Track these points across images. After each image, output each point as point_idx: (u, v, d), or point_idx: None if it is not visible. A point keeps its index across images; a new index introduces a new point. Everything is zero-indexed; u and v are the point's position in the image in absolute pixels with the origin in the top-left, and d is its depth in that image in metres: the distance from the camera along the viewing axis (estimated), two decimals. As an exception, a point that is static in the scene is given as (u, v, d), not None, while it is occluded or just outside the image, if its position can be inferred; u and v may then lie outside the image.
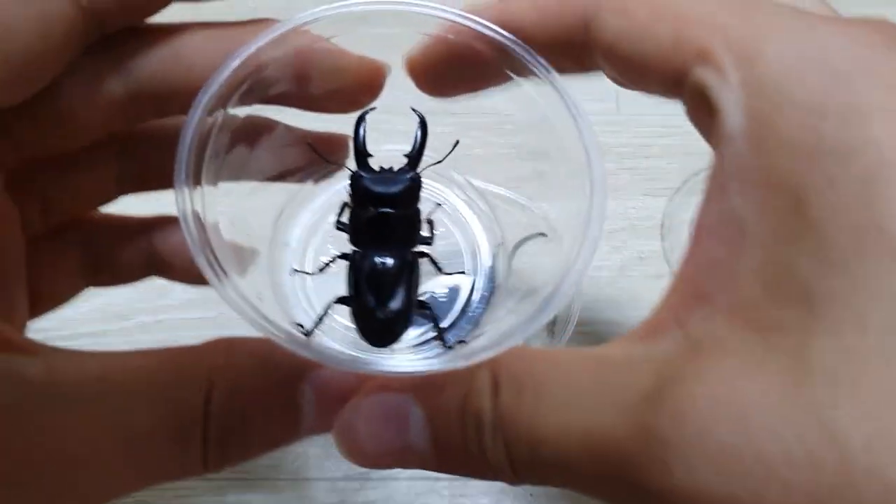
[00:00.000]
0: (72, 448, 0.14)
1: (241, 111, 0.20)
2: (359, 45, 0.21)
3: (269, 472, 0.34)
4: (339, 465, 0.34)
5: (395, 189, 0.24)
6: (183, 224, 0.17)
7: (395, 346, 0.25)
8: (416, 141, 0.25)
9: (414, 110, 0.25)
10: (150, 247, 0.23)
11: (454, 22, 0.20)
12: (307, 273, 0.29)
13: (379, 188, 0.23)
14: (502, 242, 0.35)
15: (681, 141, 0.44)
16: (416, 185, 0.24)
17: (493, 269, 0.36)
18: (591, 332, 0.38)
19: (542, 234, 0.34)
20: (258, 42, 0.19)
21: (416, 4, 0.21)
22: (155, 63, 0.19)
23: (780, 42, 0.12)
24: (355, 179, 0.24)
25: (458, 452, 0.14)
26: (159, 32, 0.19)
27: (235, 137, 0.21)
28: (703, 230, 0.14)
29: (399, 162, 0.24)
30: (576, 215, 0.22)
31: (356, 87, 0.21)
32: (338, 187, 0.28)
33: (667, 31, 0.15)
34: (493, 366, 0.14)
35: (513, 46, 0.21)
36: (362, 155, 0.24)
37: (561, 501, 0.34)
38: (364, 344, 0.24)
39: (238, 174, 0.22)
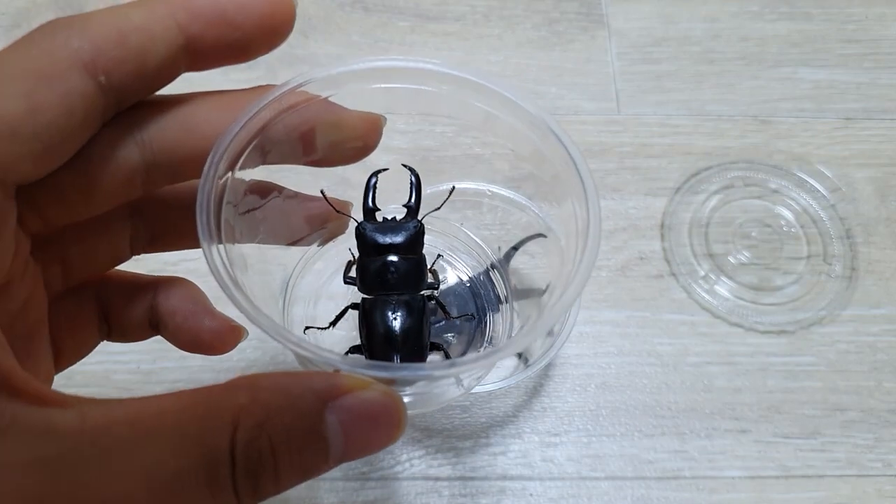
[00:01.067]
0: (105, 495, 0.15)
1: (248, 174, 0.21)
2: (354, 100, 0.22)
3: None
4: (339, 466, 0.34)
5: (400, 238, 0.25)
6: (212, 269, 0.18)
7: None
8: (412, 192, 0.26)
9: (405, 166, 0.26)
10: (154, 307, 0.24)
11: (432, 71, 0.22)
12: (320, 328, 0.30)
13: (386, 237, 0.25)
14: (498, 260, 0.36)
15: (681, 141, 0.44)
16: (419, 231, 0.26)
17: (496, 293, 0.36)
18: (590, 332, 0.38)
19: (542, 235, 0.34)
20: (259, 104, 0.20)
21: (391, 59, 0.22)
22: (168, 133, 0.20)
23: None
24: (362, 230, 0.25)
25: None
26: (171, 103, 0.20)
27: (246, 201, 0.22)
28: None
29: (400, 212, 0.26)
30: (569, 218, 0.22)
31: (356, 141, 0.22)
32: (340, 247, 0.29)
33: None
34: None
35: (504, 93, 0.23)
36: (370, 210, 0.26)
37: (561, 502, 0.34)
38: None
39: (251, 237, 0.23)
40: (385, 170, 0.25)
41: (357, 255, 0.26)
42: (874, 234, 0.41)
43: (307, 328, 0.31)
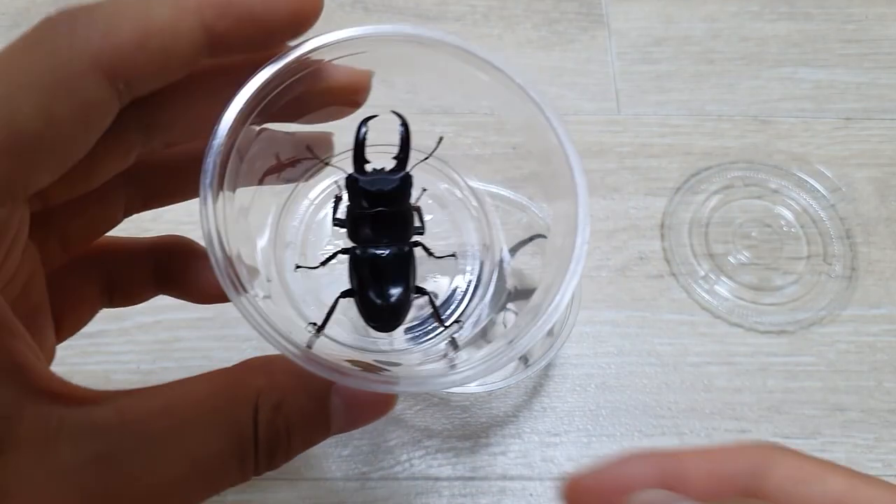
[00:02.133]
0: (156, 482, 0.16)
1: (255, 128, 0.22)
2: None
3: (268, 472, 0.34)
4: (339, 466, 0.34)
5: (389, 187, 0.25)
6: (208, 246, 0.18)
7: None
8: (401, 142, 0.26)
9: (394, 113, 0.26)
10: (158, 267, 0.24)
11: (421, 36, 0.22)
12: (310, 268, 0.30)
13: (375, 188, 0.25)
14: (490, 244, 0.36)
15: (681, 141, 0.44)
16: (407, 182, 0.26)
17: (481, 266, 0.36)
18: (590, 332, 0.38)
19: (542, 236, 0.34)
20: (267, 72, 0.20)
21: (382, 26, 0.22)
22: (169, 109, 0.20)
23: None
24: (352, 181, 0.25)
25: None
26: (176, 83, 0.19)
27: (250, 148, 0.22)
28: None
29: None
30: (563, 217, 0.22)
31: (346, 97, 0.22)
32: (325, 183, 0.29)
33: None
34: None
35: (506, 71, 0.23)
36: (361, 158, 0.25)
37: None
38: (371, 330, 0.26)
39: (233, 182, 0.23)
40: (374, 116, 0.25)
41: (345, 194, 0.26)
42: (874, 234, 0.41)
43: (298, 267, 0.31)
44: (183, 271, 0.24)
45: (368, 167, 0.26)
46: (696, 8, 0.50)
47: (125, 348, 0.27)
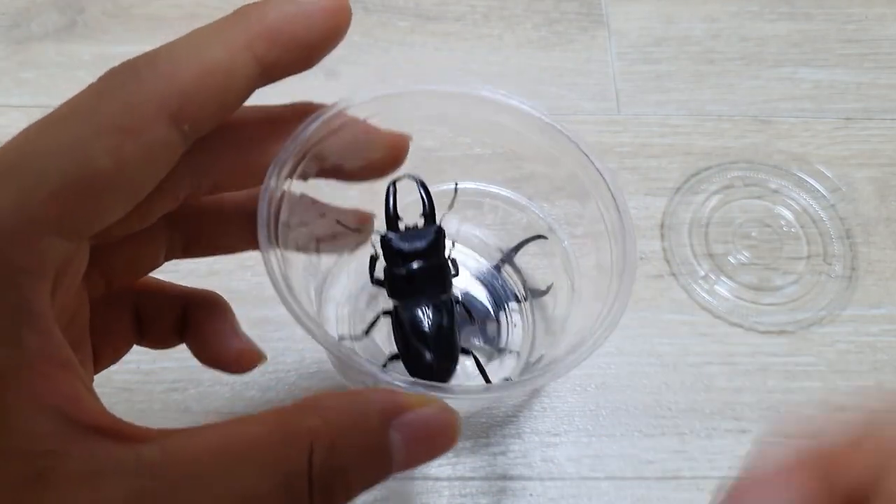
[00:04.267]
0: None
1: (298, 187, 0.23)
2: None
3: None
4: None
5: (423, 244, 0.26)
6: (272, 280, 0.19)
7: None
8: (424, 200, 0.27)
9: (410, 176, 0.26)
10: (184, 315, 0.25)
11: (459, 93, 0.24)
12: (354, 338, 0.31)
13: (411, 245, 0.26)
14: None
15: (681, 141, 0.44)
16: (440, 235, 0.26)
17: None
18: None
19: (542, 237, 0.34)
20: (311, 125, 0.22)
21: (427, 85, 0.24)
22: (219, 153, 0.20)
23: None
24: (387, 241, 0.26)
25: None
26: (224, 126, 0.20)
27: (293, 210, 0.23)
28: None
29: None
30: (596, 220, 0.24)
31: (386, 158, 0.23)
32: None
33: None
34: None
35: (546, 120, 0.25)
36: (392, 218, 0.26)
37: (561, 502, 0.34)
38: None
39: (295, 245, 0.24)
40: (401, 178, 0.26)
41: (379, 252, 0.27)
42: (874, 234, 0.41)
43: (341, 338, 0.32)
44: (204, 326, 0.25)
45: (400, 225, 0.26)
46: (696, 8, 0.50)
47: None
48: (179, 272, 0.26)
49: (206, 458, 0.16)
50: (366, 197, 0.26)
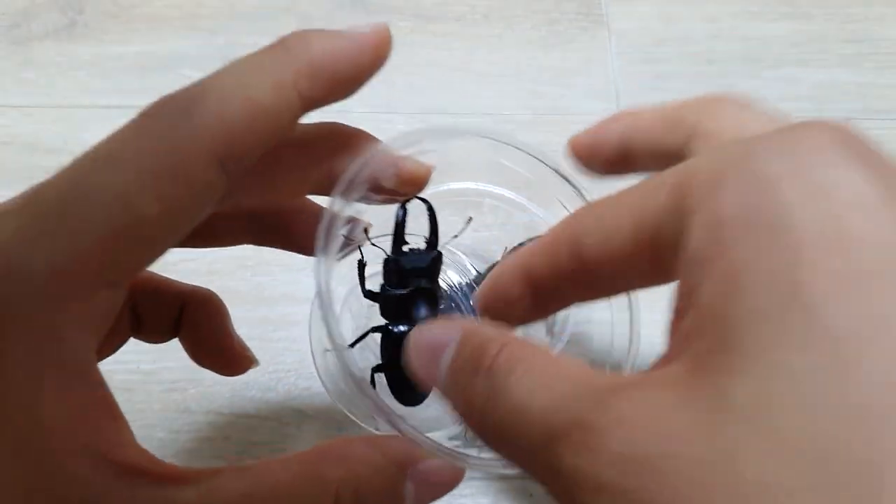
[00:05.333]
0: None
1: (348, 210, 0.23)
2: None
3: None
4: (339, 466, 0.34)
5: (424, 271, 0.26)
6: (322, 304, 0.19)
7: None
8: (430, 225, 0.27)
9: (419, 198, 0.26)
10: (182, 313, 0.25)
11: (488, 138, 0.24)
12: (344, 347, 0.31)
13: (412, 271, 0.26)
14: None
15: (681, 141, 0.44)
16: (438, 263, 0.27)
17: None
18: (587, 331, 0.38)
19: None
20: (366, 160, 0.22)
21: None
22: (255, 181, 0.20)
23: (733, 181, 0.14)
24: (392, 262, 0.26)
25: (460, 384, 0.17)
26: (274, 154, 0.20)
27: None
28: (676, 307, 0.16)
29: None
30: None
31: (409, 185, 0.24)
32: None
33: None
34: (504, 342, 0.17)
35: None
36: (400, 240, 0.26)
37: (561, 502, 0.34)
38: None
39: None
40: (409, 200, 0.26)
41: (367, 259, 0.28)
42: (874, 234, 0.41)
43: (327, 350, 0.32)
44: (200, 326, 0.25)
45: (406, 248, 0.27)
46: (696, 8, 0.50)
47: (126, 348, 0.27)
48: (180, 272, 0.26)
49: (238, 502, 0.17)
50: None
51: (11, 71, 0.45)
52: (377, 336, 0.29)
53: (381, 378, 0.28)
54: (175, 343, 0.26)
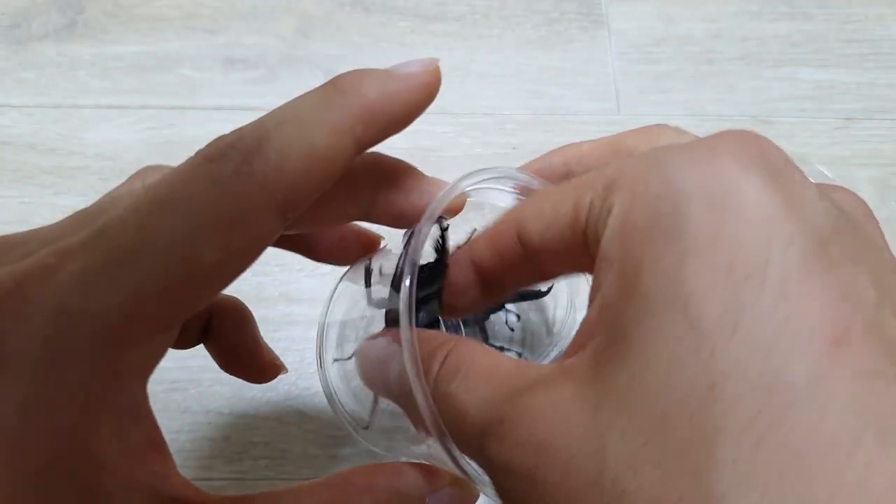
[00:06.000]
0: None
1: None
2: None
3: (268, 471, 0.34)
4: (339, 466, 0.34)
5: (434, 286, 0.24)
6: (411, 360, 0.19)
7: None
8: (439, 244, 0.25)
9: (439, 220, 0.25)
10: (209, 320, 0.25)
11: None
12: (346, 359, 0.31)
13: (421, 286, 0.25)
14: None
15: (681, 141, 0.44)
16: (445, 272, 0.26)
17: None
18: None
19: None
20: (438, 206, 0.21)
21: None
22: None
23: (643, 183, 0.16)
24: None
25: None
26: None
27: None
28: (590, 298, 0.18)
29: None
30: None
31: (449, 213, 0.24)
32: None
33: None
34: (450, 348, 0.19)
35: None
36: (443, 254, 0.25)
37: (561, 502, 0.34)
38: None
39: None
40: (444, 218, 0.25)
41: (374, 268, 0.27)
42: (874, 234, 0.41)
43: (336, 360, 0.32)
44: (229, 336, 0.26)
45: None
46: (696, 8, 0.50)
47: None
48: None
49: None
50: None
51: (11, 71, 0.45)
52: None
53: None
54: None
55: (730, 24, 0.49)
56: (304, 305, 0.38)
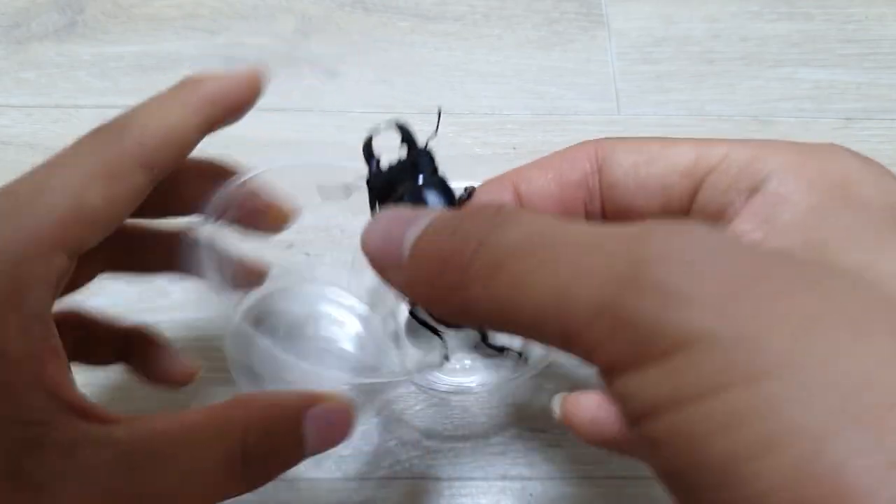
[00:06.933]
0: (159, 486, 0.20)
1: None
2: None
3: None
4: (339, 466, 0.34)
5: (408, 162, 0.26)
6: None
7: None
8: (403, 133, 0.26)
9: (393, 124, 0.25)
10: (123, 347, 0.30)
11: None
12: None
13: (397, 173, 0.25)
14: None
15: (681, 141, 0.44)
16: (429, 155, 0.26)
17: None
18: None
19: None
20: (230, 186, 0.27)
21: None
22: (159, 196, 0.25)
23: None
24: (375, 177, 0.25)
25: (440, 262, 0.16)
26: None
27: None
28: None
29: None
30: None
31: (273, 227, 0.29)
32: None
33: None
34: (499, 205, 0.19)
35: None
36: (373, 161, 0.26)
37: (561, 502, 0.34)
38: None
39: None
40: (379, 129, 0.25)
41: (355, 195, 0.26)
42: (874, 234, 0.41)
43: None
44: (147, 355, 0.30)
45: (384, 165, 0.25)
46: (696, 8, 0.50)
47: (125, 348, 0.29)
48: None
49: (161, 438, 0.21)
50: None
51: (11, 71, 0.45)
52: None
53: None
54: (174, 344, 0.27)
55: (730, 24, 0.49)
56: (304, 305, 0.38)
